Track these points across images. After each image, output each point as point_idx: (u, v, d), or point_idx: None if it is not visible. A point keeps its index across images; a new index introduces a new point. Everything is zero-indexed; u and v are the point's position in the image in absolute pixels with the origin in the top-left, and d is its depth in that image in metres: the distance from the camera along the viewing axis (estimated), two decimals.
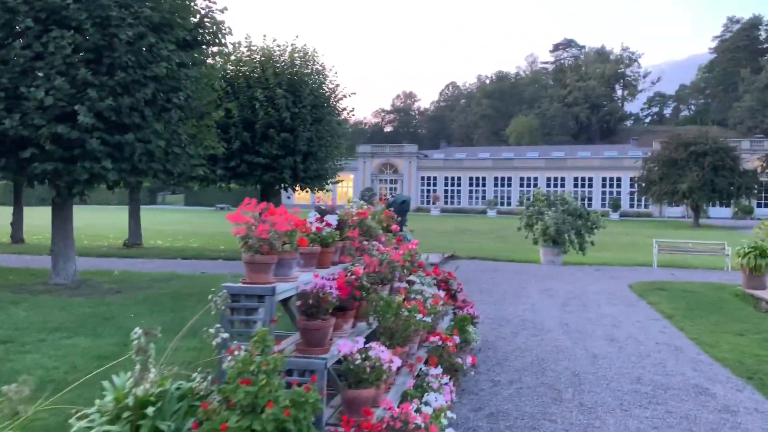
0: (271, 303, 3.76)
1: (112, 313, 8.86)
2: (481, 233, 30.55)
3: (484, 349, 7.55)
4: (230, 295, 3.81)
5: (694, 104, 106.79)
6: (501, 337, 8.37)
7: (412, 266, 6.65)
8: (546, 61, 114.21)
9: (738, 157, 41.50)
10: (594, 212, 19.03)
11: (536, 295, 12.17)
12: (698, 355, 7.67)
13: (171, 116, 10.47)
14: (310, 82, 18.52)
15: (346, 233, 5.28)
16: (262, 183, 18.81)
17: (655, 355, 7.56)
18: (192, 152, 11.31)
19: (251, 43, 19.02)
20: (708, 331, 9.03)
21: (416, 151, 66.87)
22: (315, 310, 3.78)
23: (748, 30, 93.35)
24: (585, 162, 60.49)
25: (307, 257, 4.80)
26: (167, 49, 9.96)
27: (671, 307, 10.94)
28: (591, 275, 15.58)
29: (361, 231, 6.03)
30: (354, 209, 5.83)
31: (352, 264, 5.24)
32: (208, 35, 11.96)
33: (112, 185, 11.18)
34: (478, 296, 11.83)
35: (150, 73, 9.75)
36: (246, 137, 17.77)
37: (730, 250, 17.49)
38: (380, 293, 4.73)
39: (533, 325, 9.30)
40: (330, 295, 3.79)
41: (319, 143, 18.43)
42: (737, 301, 11.71)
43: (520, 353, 7.51)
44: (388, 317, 4.53)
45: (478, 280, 14.11)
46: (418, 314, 5.21)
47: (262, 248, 3.78)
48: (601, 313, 10.35)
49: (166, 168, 11.03)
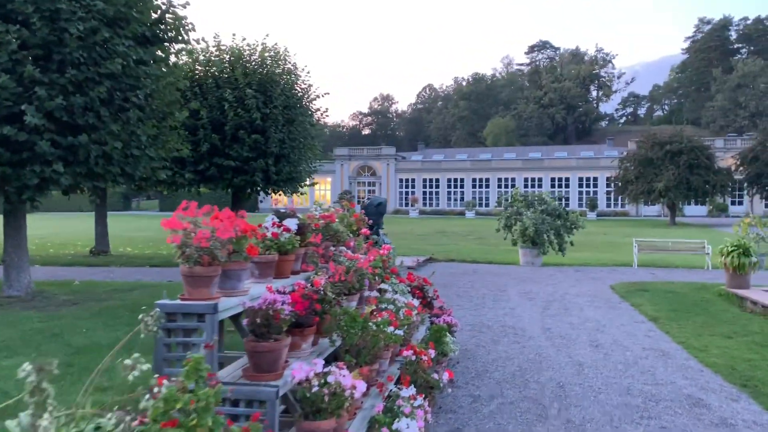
0: (213, 323, 3.24)
1: (63, 328, 8.21)
2: (459, 235, 30.19)
3: (463, 359, 7.07)
4: (165, 314, 3.28)
5: (668, 104, 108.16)
6: (481, 345, 7.91)
7: (385, 273, 6.15)
8: (521, 63, 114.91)
9: (713, 155, 41.79)
10: (573, 212, 18.74)
11: (516, 299, 11.76)
12: (687, 360, 7.29)
13: (129, 116, 9.82)
14: (281, 82, 17.94)
15: (308, 239, 4.77)
16: (233, 187, 18.16)
17: (642, 362, 7.16)
18: (153, 154, 10.68)
19: (220, 43, 18.38)
20: (695, 334, 8.68)
21: (394, 153, 66.45)
22: (265, 330, 3.26)
23: (719, 30, 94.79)
24: (562, 162, 60.66)
25: (263, 267, 4.28)
26: (123, 44, 9.33)
27: (655, 308, 10.60)
28: (571, 276, 15.24)
29: (327, 236, 5.53)
30: (318, 212, 5.32)
31: (315, 273, 4.73)
32: (170, 31, 11.34)
33: (67, 190, 10.49)
34: (456, 301, 11.39)
35: (104, 70, 9.11)
36: (215, 139, 17.12)
37: (710, 248, 17.33)
38: (345, 306, 4.21)
39: (514, 331, 8.86)
40: (282, 311, 3.27)
41: (291, 145, 17.84)
42: (721, 301, 11.42)
43: (501, 363, 7.05)
44: (353, 333, 4.02)
45: (456, 284, 13.67)
46: (389, 327, 4.72)
47: (202, 259, 3.26)
48: (584, 317, 9.95)
49: (125, 171, 10.38)
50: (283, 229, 4.41)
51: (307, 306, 3.62)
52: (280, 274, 4.54)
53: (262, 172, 17.52)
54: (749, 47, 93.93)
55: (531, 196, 18.64)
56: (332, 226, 5.60)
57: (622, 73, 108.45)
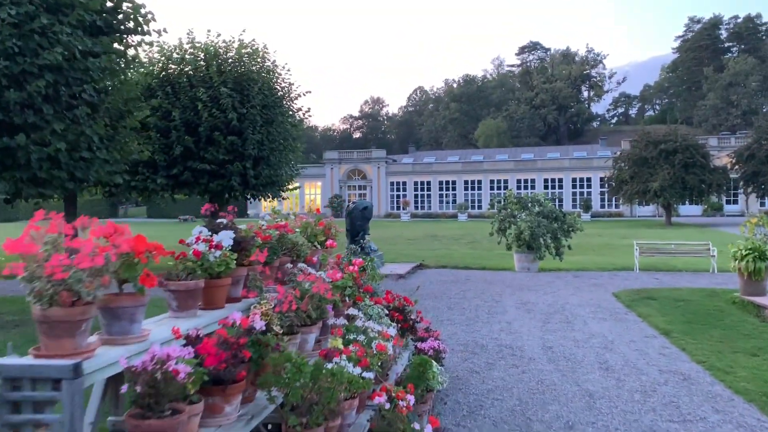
0: (74, 392, 2.19)
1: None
2: (451, 239, 29.17)
3: (452, 391, 6.03)
4: (6, 379, 2.23)
5: (659, 104, 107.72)
6: (474, 371, 6.87)
7: (356, 293, 5.11)
8: (512, 64, 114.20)
9: (708, 154, 41.01)
10: (570, 214, 17.76)
11: (513, 311, 10.73)
12: (713, 386, 6.28)
13: (77, 114, 8.73)
14: (259, 80, 16.87)
15: (251, 256, 3.72)
16: (209, 192, 17.07)
17: (662, 390, 6.14)
18: (107, 157, 9.58)
19: (194, 39, 17.32)
20: (715, 351, 7.68)
21: (385, 156, 65.40)
22: (153, 402, 2.21)
23: (710, 29, 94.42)
24: (555, 163, 59.78)
25: (183, 297, 3.23)
26: (66, 33, 8.25)
27: (666, 320, 9.61)
28: (570, 283, 14.23)
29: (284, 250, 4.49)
30: (264, 222, 4.28)
31: (259, 301, 3.69)
32: (127, 21, 10.28)
33: (10, 199, 9.39)
34: (447, 314, 10.36)
35: (42, 62, 8.03)
36: (189, 141, 16.03)
37: (716, 250, 16.40)
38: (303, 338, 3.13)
39: (512, 351, 7.83)
40: (171, 376, 2.21)
41: (270, 146, 16.77)
42: (736, 309, 10.44)
43: (498, 394, 6.01)
44: (297, 388, 2.97)
45: (447, 294, 12.64)
46: (356, 368, 3.68)
47: (60, 296, 2.23)
48: (589, 332, 8.94)
49: (76, 176, 9.28)
50: (211, 245, 3.37)
51: (228, 357, 2.57)
52: (210, 304, 3.50)
53: (240, 176, 16.44)
54: (740, 46, 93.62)
55: (526, 198, 17.65)
56: (289, 238, 4.56)
57: (614, 73, 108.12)
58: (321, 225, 5.30)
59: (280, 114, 17.27)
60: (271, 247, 4.22)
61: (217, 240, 3.47)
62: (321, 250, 5.25)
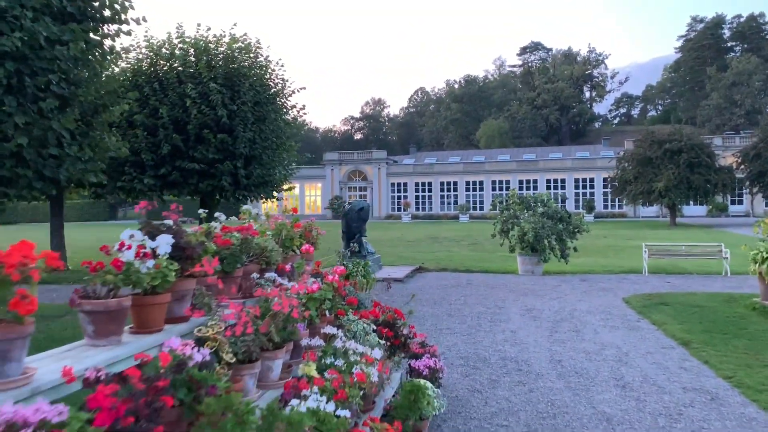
0: None
1: None
2: (452, 240, 28.44)
3: (451, 416, 5.31)
4: None
5: (661, 104, 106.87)
6: (475, 390, 6.15)
7: (338, 306, 4.40)
8: (514, 64, 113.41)
9: (713, 153, 40.27)
10: (576, 215, 17.03)
11: (517, 318, 10.00)
12: (746, 407, 5.56)
13: (42, 107, 8.03)
14: (251, 75, 16.17)
15: (195, 266, 3.01)
16: (199, 192, 16.37)
17: (689, 413, 5.41)
18: (78, 154, 8.88)
19: (183, 34, 16.62)
20: (742, 364, 6.95)
21: (385, 157, 64.69)
22: None
23: (713, 29, 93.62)
24: (557, 163, 59.02)
25: (102, 320, 2.51)
26: (26, 17, 7.55)
27: (683, 328, 8.88)
28: (578, 288, 13.50)
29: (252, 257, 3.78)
30: (218, 225, 3.57)
31: (206, 322, 2.98)
32: (103, 9, 9.58)
33: None
34: (447, 322, 9.64)
35: (0, 48, 7.32)
36: (177, 140, 15.34)
37: (728, 252, 15.66)
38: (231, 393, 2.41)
39: (517, 365, 7.11)
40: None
41: (263, 145, 16.07)
42: (758, 317, 9.70)
43: (503, 419, 5.29)
44: None
45: (447, 299, 11.92)
46: (328, 402, 2.97)
47: None
48: (601, 342, 8.21)
49: (44, 175, 8.57)
50: (139, 253, 2.66)
51: (129, 411, 1.85)
52: (143, 327, 2.79)
53: (230, 176, 15.74)
54: (743, 45, 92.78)
55: (529, 198, 16.92)
56: (256, 242, 3.85)
57: (616, 73, 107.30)
58: (298, 227, 4.59)
59: (273, 111, 16.58)
60: (231, 254, 3.52)
61: (151, 246, 2.77)
62: (298, 256, 4.55)
